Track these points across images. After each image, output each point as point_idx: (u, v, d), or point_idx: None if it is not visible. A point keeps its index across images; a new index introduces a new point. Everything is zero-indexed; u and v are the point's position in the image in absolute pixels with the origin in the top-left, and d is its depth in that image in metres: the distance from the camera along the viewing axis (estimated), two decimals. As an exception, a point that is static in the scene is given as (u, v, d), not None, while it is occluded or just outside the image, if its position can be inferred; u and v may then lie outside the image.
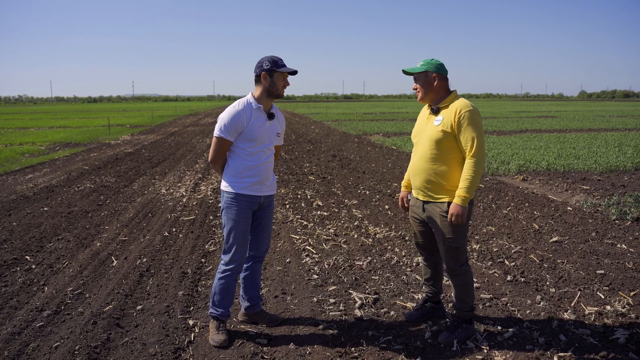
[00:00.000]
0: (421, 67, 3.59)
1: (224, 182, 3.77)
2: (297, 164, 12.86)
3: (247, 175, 3.69)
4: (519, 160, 12.46)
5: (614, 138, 18.19)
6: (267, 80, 3.61)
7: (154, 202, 8.47)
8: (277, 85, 3.63)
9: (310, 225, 6.90)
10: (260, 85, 3.65)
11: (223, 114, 3.64)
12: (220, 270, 3.81)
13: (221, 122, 3.62)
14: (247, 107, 3.64)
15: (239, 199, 3.70)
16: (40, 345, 3.70)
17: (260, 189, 3.76)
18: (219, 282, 3.79)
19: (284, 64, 3.64)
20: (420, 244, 3.97)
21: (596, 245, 5.85)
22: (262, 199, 3.81)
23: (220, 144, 3.66)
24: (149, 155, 15.11)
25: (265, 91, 3.65)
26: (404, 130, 23.37)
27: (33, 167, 13.02)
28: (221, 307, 3.81)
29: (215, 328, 3.79)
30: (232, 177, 3.72)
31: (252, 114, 3.63)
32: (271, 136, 3.77)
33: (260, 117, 3.67)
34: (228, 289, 3.80)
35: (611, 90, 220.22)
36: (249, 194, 3.71)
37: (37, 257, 5.65)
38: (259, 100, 3.68)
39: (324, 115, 42.10)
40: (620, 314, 4.10)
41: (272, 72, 3.60)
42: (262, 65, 3.61)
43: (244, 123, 3.60)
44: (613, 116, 36.80)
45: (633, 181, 9.82)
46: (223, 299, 3.80)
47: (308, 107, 68.64)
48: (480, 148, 3.42)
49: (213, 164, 3.79)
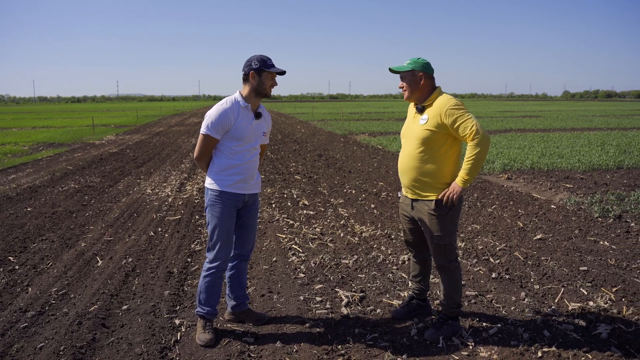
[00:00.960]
0: (408, 65, 3.59)
1: (209, 179, 3.76)
2: (283, 164, 12.86)
3: (232, 174, 3.68)
4: (503, 159, 12.56)
5: (597, 137, 18.42)
6: (255, 80, 3.61)
7: (139, 202, 8.42)
8: (265, 84, 3.63)
9: (297, 225, 6.91)
10: (248, 84, 3.65)
11: (211, 112, 3.63)
12: (205, 269, 3.80)
13: (208, 119, 3.60)
14: (234, 105, 3.63)
15: (223, 197, 3.69)
16: (24, 346, 3.66)
17: (245, 187, 3.76)
18: (204, 281, 3.78)
19: (272, 63, 3.63)
20: (410, 241, 3.99)
21: (579, 243, 5.93)
22: (247, 197, 3.80)
23: (207, 141, 3.65)
24: (134, 155, 15.01)
25: (253, 90, 3.65)
26: (390, 130, 23.46)
27: (16, 167, 12.87)
28: (207, 306, 3.79)
29: (201, 327, 3.78)
30: (216, 175, 3.71)
31: (239, 113, 3.63)
32: (257, 135, 3.77)
33: (248, 116, 3.67)
34: (213, 287, 3.79)
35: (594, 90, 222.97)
36: (233, 191, 3.70)
37: (20, 258, 5.59)
38: (246, 99, 3.67)
39: (310, 115, 42.09)
40: (603, 310, 4.16)
41: (261, 71, 3.60)
42: (251, 64, 3.61)
43: (231, 121, 3.59)
44: (596, 116, 37.27)
45: (615, 179, 9.96)
46: (209, 297, 3.79)
47: (294, 107, 68.58)
48: (476, 129, 3.39)
49: (198, 161, 3.78)
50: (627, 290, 4.54)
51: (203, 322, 3.80)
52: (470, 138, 3.41)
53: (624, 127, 24.53)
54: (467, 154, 3.44)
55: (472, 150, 3.41)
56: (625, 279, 4.79)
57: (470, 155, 3.42)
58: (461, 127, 3.43)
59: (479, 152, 3.40)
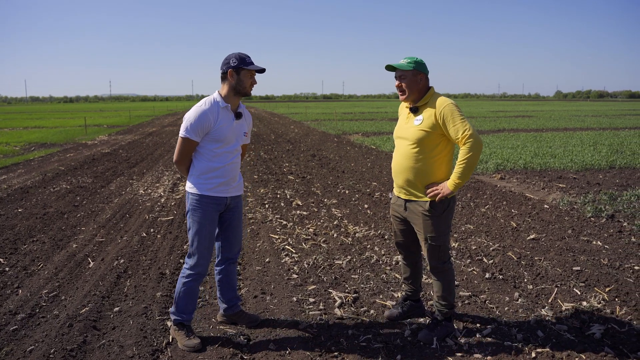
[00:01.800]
0: (409, 65, 3.53)
1: (189, 183, 3.66)
2: (276, 164, 12.82)
3: (213, 177, 3.59)
4: (496, 159, 12.59)
5: (589, 137, 18.50)
6: (233, 78, 3.51)
7: (131, 203, 8.37)
8: (244, 83, 3.53)
9: (290, 225, 6.88)
10: (227, 83, 3.55)
11: (189, 113, 3.52)
12: (184, 275, 3.69)
13: (187, 121, 3.49)
14: (213, 106, 3.53)
15: (205, 201, 3.60)
16: (14, 349, 3.62)
17: (226, 190, 3.67)
18: (183, 287, 3.67)
19: (251, 61, 3.54)
20: (400, 242, 3.97)
21: (572, 243, 5.93)
22: (229, 200, 3.71)
23: (186, 144, 3.54)
24: (126, 156, 14.93)
25: (232, 89, 3.55)
26: (383, 130, 23.47)
27: (7, 167, 12.77)
28: (185, 313, 3.70)
29: (184, 335, 3.66)
30: (197, 179, 3.61)
31: (219, 114, 3.53)
32: (238, 136, 3.67)
33: (228, 117, 3.58)
34: (192, 293, 3.71)
35: (586, 90, 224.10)
36: (215, 195, 3.61)
37: (10, 260, 5.54)
38: (226, 99, 3.57)
39: (304, 115, 42.06)
40: (596, 310, 4.16)
41: (239, 69, 3.50)
42: (229, 62, 3.51)
43: (210, 123, 3.49)
44: (588, 116, 37.47)
45: (608, 179, 9.99)
46: (188, 303, 3.70)
47: (287, 107, 68.52)
48: (470, 133, 3.37)
49: (178, 165, 3.67)
50: (620, 290, 4.55)
51: (184, 330, 3.69)
52: (463, 142, 3.39)
53: (616, 127, 24.67)
54: (459, 158, 3.41)
55: (465, 154, 3.38)
56: (618, 279, 4.80)
57: (462, 159, 3.39)
58: (454, 129, 3.41)
59: (470, 157, 3.38)
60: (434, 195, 3.52)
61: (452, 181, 3.45)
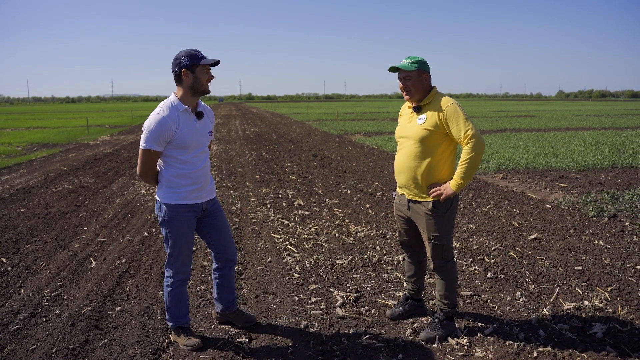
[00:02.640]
0: (412, 65, 3.53)
1: (160, 193, 3.49)
2: (278, 164, 12.83)
3: (185, 184, 3.43)
4: (498, 158, 12.58)
5: (591, 137, 18.47)
6: (189, 77, 3.33)
7: (133, 203, 8.38)
8: (200, 80, 3.35)
9: (292, 225, 6.88)
10: (182, 84, 3.36)
11: (148, 122, 3.31)
12: (168, 284, 3.60)
13: (146, 131, 3.29)
14: (172, 111, 3.32)
15: (180, 210, 3.46)
16: (16, 348, 3.63)
17: (200, 196, 3.53)
18: (170, 295, 3.60)
19: (203, 55, 3.36)
20: (405, 242, 3.97)
21: (574, 242, 5.93)
22: (204, 206, 3.59)
23: (148, 155, 3.35)
24: (128, 156, 14.95)
25: (189, 89, 3.36)
26: (385, 130, 23.46)
27: (9, 168, 12.79)
28: (180, 317, 3.67)
29: (183, 336, 3.64)
30: (168, 189, 3.45)
31: (179, 119, 3.33)
32: (203, 138, 3.50)
33: (189, 120, 3.39)
34: (182, 298, 3.65)
35: (588, 90, 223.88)
36: (189, 203, 3.48)
37: (13, 259, 5.55)
38: (183, 100, 3.38)
39: (305, 115, 42.06)
40: (598, 309, 4.15)
41: (193, 67, 3.32)
42: (180, 62, 3.32)
43: (172, 130, 3.29)
44: (590, 115, 37.40)
45: (610, 179, 9.98)
46: (180, 308, 3.65)
47: (289, 107, 68.54)
48: (472, 132, 3.36)
49: (143, 177, 3.47)
50: (622, 289, 4.54)
51: (182, 331, 3.67)
52: (465, 142, 3.39)
53: (618, 127, 24.62)
54: (462, 158, 3.41)
55: (467, 154, 3.39)
56: (620, 278, 4.79)
57: (464, 159, 3.39)
58: (457, 129, 3.41)
59: (473, 157, 3.38)
60: (437, 195, 3.52)
61: (454, 181, 3.45)
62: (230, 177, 10.97)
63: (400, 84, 3.63)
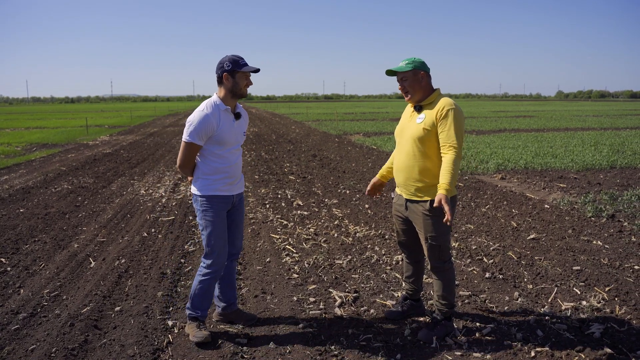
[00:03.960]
0: (407, 66, 3.55)
1: (196, 185, 3.72)
2: (277, 164, 12.84)
3: (220, 178, 3.66)
4: (497, 159, 12.59)
5: (590, 137, 18.50)
6: (229, 81, 3.57)
7: (132, 203, 8.39)
8: (239, 85, 3.58)
9: (291, 225, 6.90)
10: (223, 86, 3.60)
11: (192, 118, 3.56)
12: (201, 273, 3.76)
13: (190, 126, 3.54)
14: (215, 109, 3.58)
15: (214, 201, 3.67)
16: (15, 348, 3.64)
17: (232, 189, 3.75)
18: (200, 285, 3.76)
19: (245, 62, 3.59)
20: (403, 242, 3.98)
21: (572, 242, 5.94)
22: (235, 198, 3.81)
23: (190, 148, 3.60)
24: (127, 156, 14.96)
25: (229, 92, 3.60)
26: (384, 130, 23.48)
27: (9, 168, 12.80)
28: (200, 309, 3.78)
29: (196, 327, 3.75)
30: (204, 181, 3.68)
31: (220, 117, 3.58)
32: (239, 136, 3.75)
33: (228, 119, 3.64)
34: (208, 291, 3.79)
35: (587, 90, 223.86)
36: (223, 194, 3.70)
37: (12, 259, 5.56)
38: (224, 101, 3.63)
39: (305, 115, 42.07)
40: (596, 309, 4.17)
41: (234, 72, 3.55)
42: (223, 66, 3.56)
43: (213, 127, 3.55)
44: (589, 116, 37.43)
45: (608, 179, 10.00)
46: (203, 301, 3.78)
47: (288, 107, 68.54)
48: (459, 145, 3.40)
49: (182, 169, 3.73)
50: (619, 289, 4.56)
51: (196, 323, 3.78)
52: (448, 149, 3.39)
53: (617, 127, 24.66)
54: (446, 165, 3.36)
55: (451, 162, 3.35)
56: (618, 279, 4.80)
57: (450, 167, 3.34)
58: (447, 132, 3.41)
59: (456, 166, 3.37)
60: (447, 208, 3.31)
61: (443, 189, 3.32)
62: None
63: (399, 86, 3.65)
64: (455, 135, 3.40)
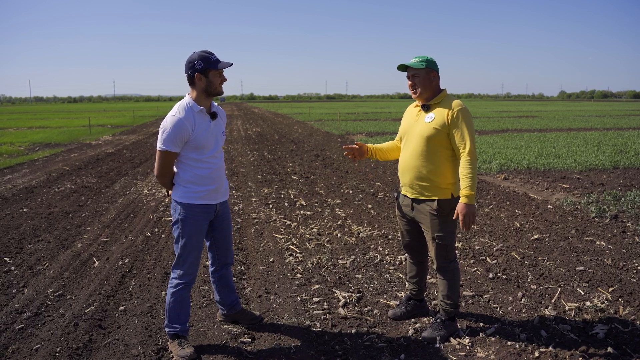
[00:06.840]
0: (421, 63, 3.55)
1: (177, 193, 3.50)
2: (280, 164, 12.85)
3: (201, 184, 3.46)
4: (500, 159, 12.58)
5: (593, 137, 18.46)
6: (202, 81, 3.35)
7: (135, 203, 8.40)
8: (214, 84, 3.38)
9: (294, 225, 6.90)
10: (196, 87, 3.39)
11: (165, 123, 3.34)
12: (173, 285, 3.55)
13: (164, 133, 3.32)
14: (188, 112, 3.36)
15: (195, 210, 3.48)
16: (20, 347, 3.65)
17: (216, 197, 3.56)
18: (173, 298, 3.54)
19: (217, 58, 3.37)
20: (407, 243, 3.98)
21: (576, 243, 5.93)
22: (218, 207, 3.62)
23: (166, 157, 3.37)
24: (130, 156, 14.98)
25: (202, 92, 3.39)
26: (387, 130, 23.47)
27: (12, 167, 12.82)
28: (179, 323, 3.57)
29: (177, 344, 3.51)
30: (185, 188, 3.47)
31: (195, 120, 3.36)
32: (217, 137, 3.54)
33: (204, 121, 3.42)
34: (184, 303, 3.58)
35: (590, 90, 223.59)
36: (205, 203, 3.50)
37: (16, 259, 5.57)
38: (198, 102, 3.41)
39: (307, 115, 42.08)
40: (600, 310, 4.16)
41: (207, 71, 3.34)
42: (193, 65, 3.33)
43: (188, 131, 3.33)
44: (592, 116, 37.36)
45: (611, 179, 9.98)
46: (180, 314, 3.57)
47: (291, 107, 68.56)
48: (474, 146, 3.44)
49: (160, 179, 3.49)
50: (623, 290, 4.55)
51: (177, 340, 3.54)
52: (467, 151, 3.42)
53: (620, 127, 24.61)
54: (465, 170, 3.40)
55: (469, 165, 3.40)
56: (621, 279, 4.80)
57: (469, 171, 3.39)
58: (462, 134, 3.44)
59: (474, 168, 3.41)
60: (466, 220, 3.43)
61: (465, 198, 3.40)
62: (232, 177, 10.98)
63: (409, 82, 3.64)
64: (470, 138, 3.43)
